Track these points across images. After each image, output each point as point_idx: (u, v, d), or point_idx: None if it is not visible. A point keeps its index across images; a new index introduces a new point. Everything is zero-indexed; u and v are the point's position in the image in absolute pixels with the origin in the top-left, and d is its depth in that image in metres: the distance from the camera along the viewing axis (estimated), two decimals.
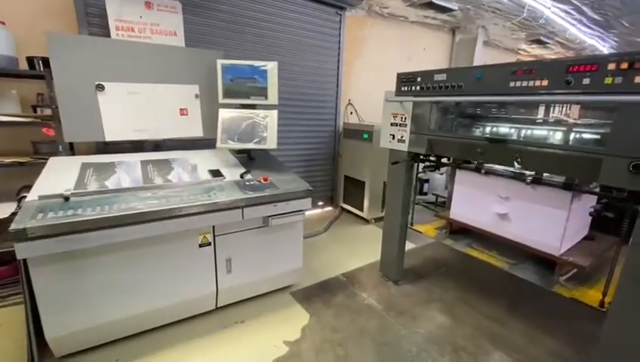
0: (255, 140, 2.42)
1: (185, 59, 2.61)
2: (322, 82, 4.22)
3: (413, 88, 2.31)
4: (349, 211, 4.53)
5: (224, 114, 2.47)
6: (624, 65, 1.36)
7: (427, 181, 5.28)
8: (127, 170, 2.16)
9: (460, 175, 2.34)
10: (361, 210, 4.23)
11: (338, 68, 4.30)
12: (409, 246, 3.14)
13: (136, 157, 2.36)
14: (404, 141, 2.45)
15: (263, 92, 2.51)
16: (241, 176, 2.32)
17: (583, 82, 1.49)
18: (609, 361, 1.53)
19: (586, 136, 1.67)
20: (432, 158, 2.56)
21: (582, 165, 1.55)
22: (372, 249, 3.38)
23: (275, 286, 2.55)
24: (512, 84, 1.75)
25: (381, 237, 2.86)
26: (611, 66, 1.40)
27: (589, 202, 1.93)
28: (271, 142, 2.42)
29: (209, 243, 2.11)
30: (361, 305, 2.50)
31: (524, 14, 4.25)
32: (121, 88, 2.40)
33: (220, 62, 2.48)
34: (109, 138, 2.42)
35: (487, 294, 2.62)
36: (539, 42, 6.18)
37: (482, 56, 5.73)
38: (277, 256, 2.42)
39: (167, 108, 2.59)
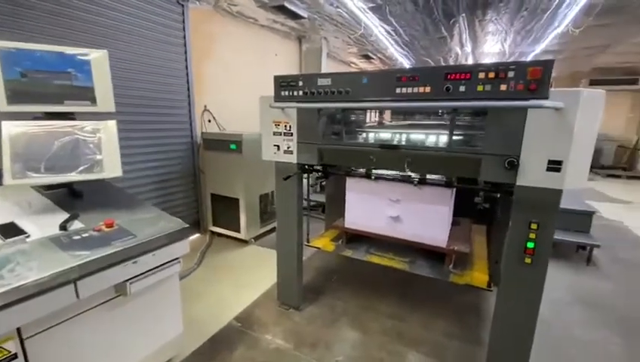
0: (81, 167, 1.58)
1: None
2: (169, 84, 3.44)
3: (296, 93, 2.06)
4: (221, 235, 3.90)
5: (12, 129, 1.50)
6: (491, 75, 1.52)
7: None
8: None
9: (351, 183, 2.28)
10: (238, 230, 3.72)
11: (187, 68, 3.60)
12: None
13: None
14: (291, 152, 2.17)
15: (86, 94, 1.66)
16: (63, 226, 1.46)
17: (460, 89, 1.61)
18: (502, 332, 1.73)
19: (467, 138, 1.87)
20: (317, 168, 2.40)
21: (465, 165, 1.70)
22: (260, 274, 2.98)
23: None
24: (397, 90, 1.75)
25: (266, 257, 2.53)
26: (481, 75, 1.55)
27: (457, 195, 2.21)
28: (112, 168, 1.64)
29: (13, 357, 1.20)
30: (268, 352, 2.08)
31: (362, 30, 4.79)
32: None
33: None
34: None
35: (378, 292, 2.71)
36: (366, 57, 7.27)
37: (327, 67, 6.19)
38: (144, 330, 1.67)
39: None
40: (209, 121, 4.04)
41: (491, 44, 6.03)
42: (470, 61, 7.30)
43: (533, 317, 1.63)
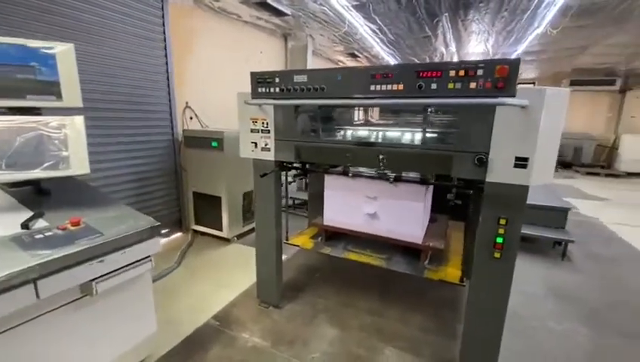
0: (46, 164, 1.54)
1: None
2: (149, 80, 3.37)
3: (272, 90, 2.05)
4: (204, 233, 3.86)
5: None
6: (461, 73, 1.54)
7: (281, 185, 5.23)
8: None
9: (329, 180, 2.28)
10: (220, 229, 3.68)
11: (167, 64, 3.54)
12: (283, 258, 2.91)
13: None
14: (269, 149, 2.16)
15: (51, 88, 1.61)
16: (25, 225, 1.42)
17: (432, 87, 1.62)
18: (474, 324, 1.77)
19: (439, 136, 1.89)
20: (296, 165, 2.40)
21: (438, 162, 1.72)
22: (241, 273, 2.96)
23: None
24: (372, 87, 1.75)
25: (248, 256, 2.51)
26: (452, 73, 1.57)
27: (436, 192, 2.24)
28: (78, 165, 1.60)
29: None
30: (245, 350, 2.07)
31: (346, 28, 4.79)
32: None
33: None
34: None
35: (359, 289, 2.73)
36: (353, 55, 7.29)
37: (314, 64, 6.18)
38: (114, 331, 1.64)
39: None
40: (191, 118, 3.98)
41: (475, 44, 6.12)
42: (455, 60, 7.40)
43: (502, 308, 1.66)
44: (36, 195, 1.74)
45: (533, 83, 10.79)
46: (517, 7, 4.12)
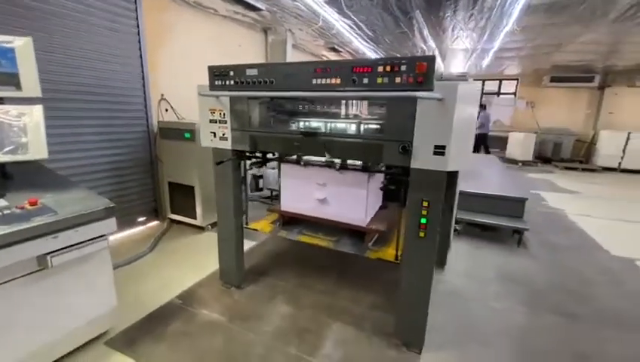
0: (7, 149, 1.67)
1: None
2: (122, 72, 3.48)
3: (228, 83, 2.19)
4: (179, 222, 4.01)
5: None
6: (388, 68, 1.70)
7: (261, 177, 5.38)
8: None
9: (285, 168, 2.44)
10: (194, 217, 3.83)
11: (141, 57, 3.64)
12: (247, 244, 3.06)
13: None
14: (226, 139, 2.31)
15: (11, 80, 1.73)
16: None
17: (364, 81, 1.77)
18: (405, 298, 1.95)
19: (372, 126, 2.05)
20: (257, 154, 2.55)
21: (372, 150, 1.88)
22: (211, 258, 3.09)
23: (79, 343, 1.90)
24: (314, 81, 1.90)
25: None
26: (380, 69, 1.72)
27: (380, 179, 2.40)
28: (37, 150, 1.73)
29: None
30: (203, 325, 2.23)
31: (320, 23, 4.90)
32: None
33: None
34: None
35: (319, 273, 2.90)
36: (334, 50, 7.40)
37: (295, 58, 6.29)
38: (72, 303, 1.79)
39: None
40: (166, 110, 4.10)
41: (452, 41, 6.27)
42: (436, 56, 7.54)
43: (427, 282, 1.85)
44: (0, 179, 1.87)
45: (517, 79, 11.01)
46: (484, 5, 4.27)
